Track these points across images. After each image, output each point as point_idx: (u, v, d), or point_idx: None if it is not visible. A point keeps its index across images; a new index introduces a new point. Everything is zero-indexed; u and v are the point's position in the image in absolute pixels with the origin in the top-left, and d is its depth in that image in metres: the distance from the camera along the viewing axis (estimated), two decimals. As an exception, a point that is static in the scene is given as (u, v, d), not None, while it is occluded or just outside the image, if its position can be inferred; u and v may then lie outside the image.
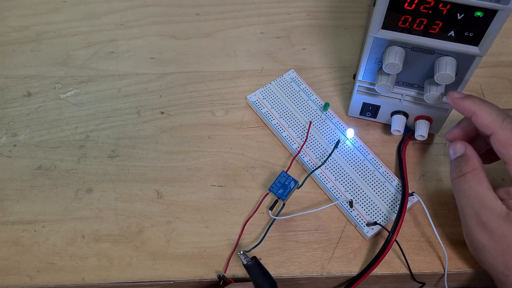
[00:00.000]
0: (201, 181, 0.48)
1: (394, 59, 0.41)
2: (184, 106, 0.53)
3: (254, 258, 0.41)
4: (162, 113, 0.52)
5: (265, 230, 0.43)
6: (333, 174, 0.47)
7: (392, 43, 0.41)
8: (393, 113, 0.48)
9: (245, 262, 0.41)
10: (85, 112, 0.53)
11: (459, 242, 0.43)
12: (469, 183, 0.38)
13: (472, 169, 0.39)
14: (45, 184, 0.48)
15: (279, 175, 0.44)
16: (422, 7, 0.37)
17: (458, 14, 0.37)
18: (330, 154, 0.47)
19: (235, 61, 0.56)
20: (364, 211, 0.45)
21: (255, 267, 0.41)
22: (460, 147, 0.40)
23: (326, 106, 0.50)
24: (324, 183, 0.46)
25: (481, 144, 0.43)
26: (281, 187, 0.44)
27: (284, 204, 0.44)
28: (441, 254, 0.43)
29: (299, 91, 0.52)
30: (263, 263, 0.42)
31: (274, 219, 0.44)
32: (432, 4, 0.37)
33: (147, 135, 0.51)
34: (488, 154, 0.43)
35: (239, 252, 0.41)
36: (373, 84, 0.46)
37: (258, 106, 0.51)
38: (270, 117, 0.51)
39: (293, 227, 0.45)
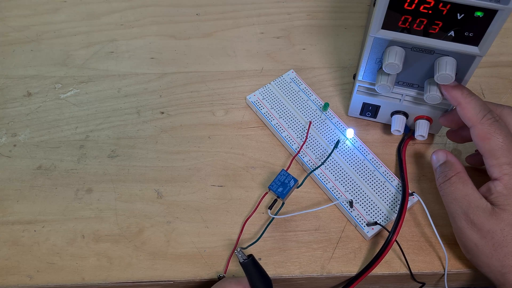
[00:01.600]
0: (201, 181, 0.48)
1: (394, 59, 0.40)
2: (184, 106, 0.53)
3: (251, 256, 0.41)
4: (162, 113, 0.52)
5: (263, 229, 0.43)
6: (333, 174, 0.47)
7: (392, 43, 0.41)
8: (393, 113, 0.48)
9: (241, 260, 0.40)
10: (85, 112, 0.53)
11: (459, 242, 0.43)
12: (455, 185, 0.40)
13: (456, 173, 0.41)
14: (45, 184, 0.48)
15: (279, 174, 0.44)
16: (422, 7, 0.37)
17: (458, 14, 0.37)
18: (330, 154, 0.47)
19: (235, 61, 0.56)
20: (364, 211, 0.45)
21: (251, 266, 0.40)
22: (442, 155, 0.43)
23: (326, 106, 0.50)
24: (324, 183, 0.46)
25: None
26: (281, 185, 0.43)
27: (283, 203, 0.44)
28: (441, 254, 0.43)
29: (299, 91, 0.52)
30: (263, 263, 0.42)
31: (273, 217, 0.44)
32: (432, 4, 0.37)
33: (147, 135, 0.51)
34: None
35: (237, 250, 0.41)
36: (373, 84, 0.46)
37: (257, 106, 0.51)
38: (269, 117, 0.51)
39: (293, 227, 0.45)
